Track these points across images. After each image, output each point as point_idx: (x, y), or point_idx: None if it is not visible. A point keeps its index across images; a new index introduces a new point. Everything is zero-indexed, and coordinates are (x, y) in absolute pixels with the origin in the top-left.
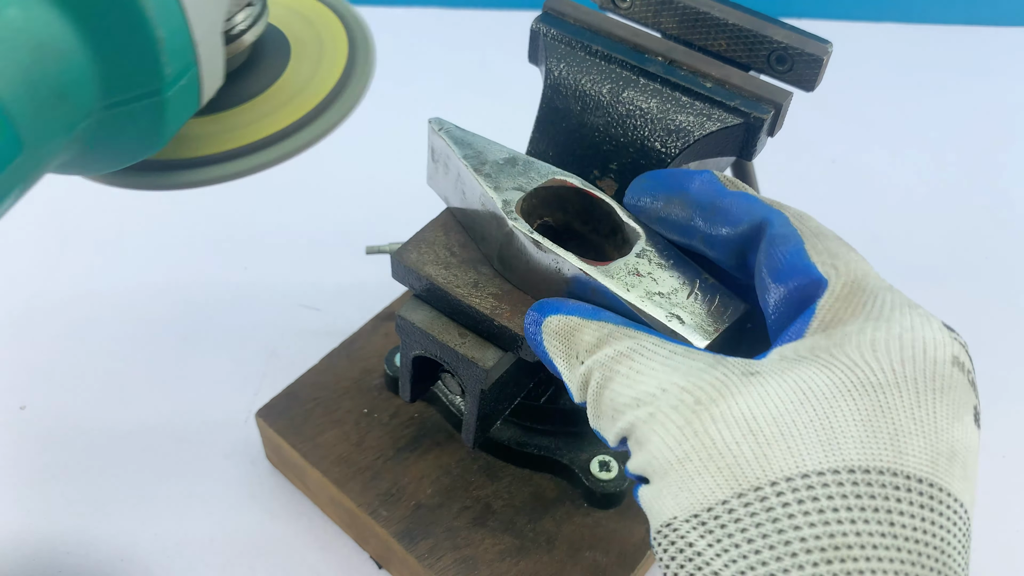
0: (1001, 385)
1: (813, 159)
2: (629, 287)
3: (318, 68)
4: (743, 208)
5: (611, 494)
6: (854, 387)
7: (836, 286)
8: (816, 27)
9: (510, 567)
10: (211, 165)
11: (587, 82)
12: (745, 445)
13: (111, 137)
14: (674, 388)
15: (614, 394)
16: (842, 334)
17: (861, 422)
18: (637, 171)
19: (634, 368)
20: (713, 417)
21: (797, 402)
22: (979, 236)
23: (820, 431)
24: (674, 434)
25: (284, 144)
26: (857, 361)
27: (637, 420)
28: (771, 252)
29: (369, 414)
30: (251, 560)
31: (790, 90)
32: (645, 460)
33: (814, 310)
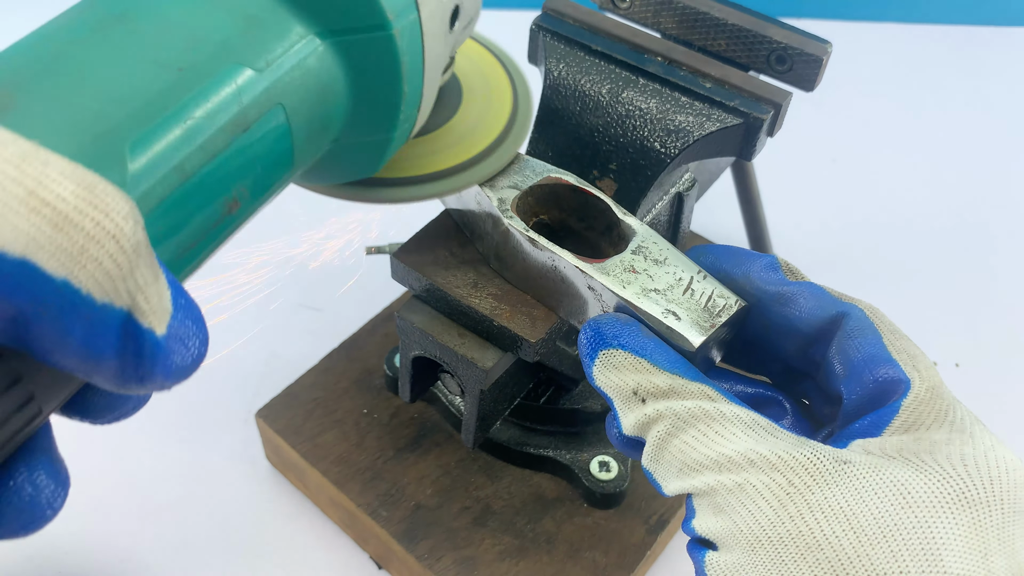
0: (1000, 385)
1: (813, 159)
2: (625, 284)
3: (488, 111)
4: (814, 301)
5: (611, 494)
6: (952, 499)
7: (920, 389)
8: (816, 27)
9: (510, 567)
10: (396, 187)
11: (587, 82)
12: (847, 540)
13: (337, 162)
14: (761, 460)
15: (688, 448)
16: (930, 441)
17: (959, 536)
18: (637, 171)
19: (713, 429)
20: (810, 505)
21: (897, 504)
22: (979, 236)
23: (922, 539)
24: (768, 514)
25: (458, 177)
26: (951, 473)
27: (719, 485)
28: (852, 344)
29: (369, 414)
30: (251, 560)
31: (790, 90)
32: (726, 528)
33: (898, 409)
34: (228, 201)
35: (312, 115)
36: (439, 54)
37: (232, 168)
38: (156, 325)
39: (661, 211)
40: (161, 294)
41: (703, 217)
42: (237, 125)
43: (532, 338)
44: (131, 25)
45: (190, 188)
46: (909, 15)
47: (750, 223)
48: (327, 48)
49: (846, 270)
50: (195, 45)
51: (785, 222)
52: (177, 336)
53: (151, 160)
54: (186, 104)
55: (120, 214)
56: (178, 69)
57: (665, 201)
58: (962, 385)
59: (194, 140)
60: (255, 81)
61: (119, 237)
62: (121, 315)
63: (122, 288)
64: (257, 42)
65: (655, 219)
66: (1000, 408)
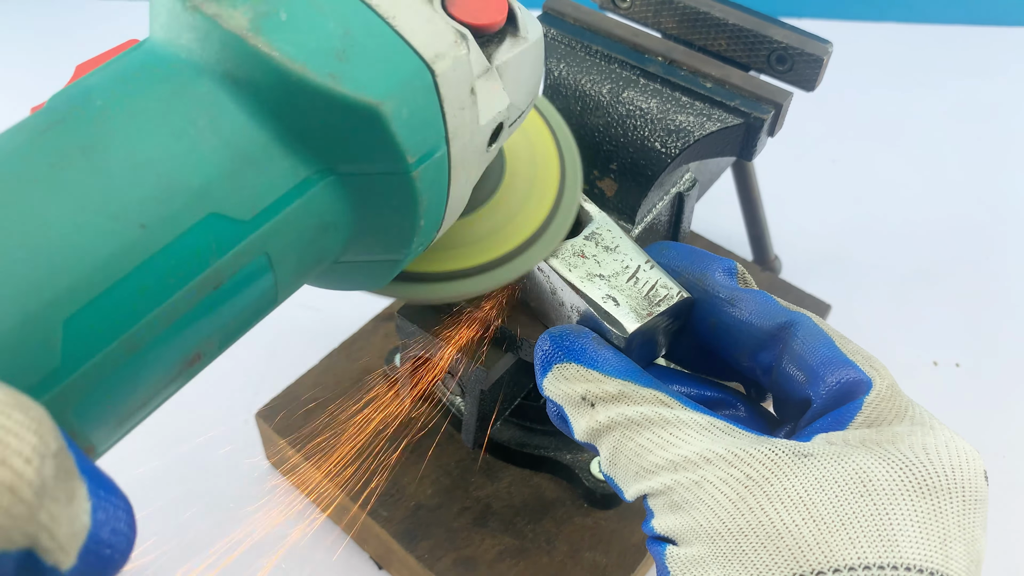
0: (1001, 384)
1: (813, 159)
2: (571, 267)
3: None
4: (763, 306)
5: (611, 494)
6: (913, 486)
7: (881, 387)
8: (816, 27)
9: (510, 567)
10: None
11: (587, 82)
12: (806, 528)
13: (339, 276)
14: (718, 459)
15: (642, 450)
16: (892, 432)
17: (917, 523)
18: (637, 171)
19: (668, 431)
20: (768, 495)
21: (856, 491)
22: (979, 236)
23: (880, 525)
24: (726, 506)
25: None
26: (912, 460)
27: (676, 484)
28: (808, 348)
29: None
30: (251, 560)
31: (790, 90)
32: (684, 525)
33: (861, 405)
34: (187, 358)
35: (303, 257)
36: (469, 178)
37: (196, 330)
38: (62, 560)
39: (662, 211)
40: (73, 518)
41: (703, 217)
42: (207, 284)
43: (532, 338)
44: (95, 162)
45: (141, 360)
46: (909, 15)
47: (750, 223)
48: (329, 185)
49: (846, 270)
50: (167, 194)
51: (785, 222)
52: (91, 557)
53: (91, 338)
54: (143, 268)
55: (22, 457)
56: (140, 225)
57: (666, 201)
58: (962, 385)
59: (149, 310)
60: (236, 233)
61: (17, 487)
62: (18, 556)
63: (17, 535)
64: (243, 185)
65: (655, 219)
66: (1000, 408)
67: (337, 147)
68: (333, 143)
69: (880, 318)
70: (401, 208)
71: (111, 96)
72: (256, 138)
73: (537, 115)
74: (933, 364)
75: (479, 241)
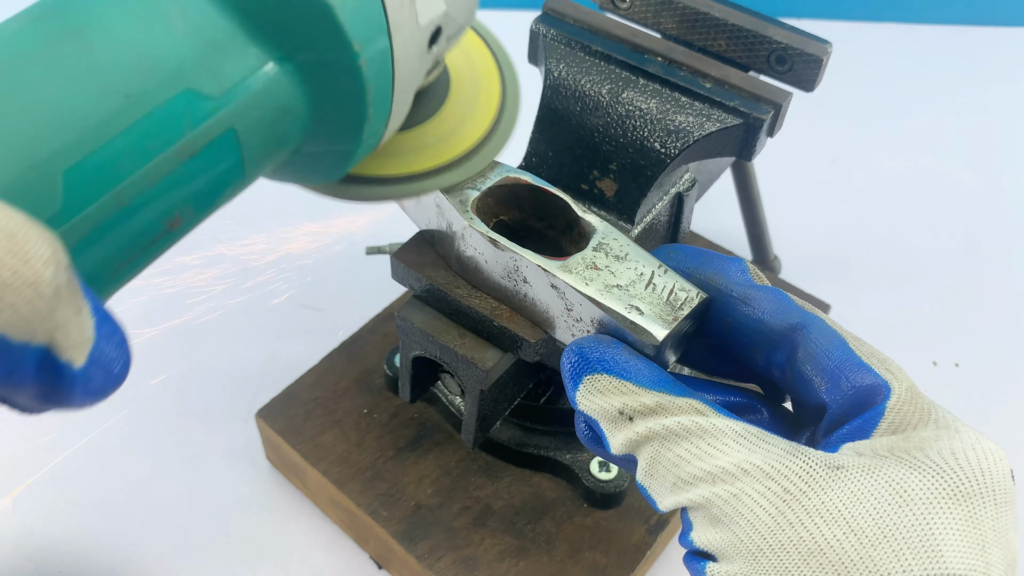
0: (1001, 384)
1: (813, 159)
2: (588, 281)
3: (474, 108)
4: (776, 304)
5: (611, 494)
6: (947, 494)
7: (900, 391)
8: (816, 27)
9: (510, 567)
10: (371, 186)
11: (587, 82)
12: (848, 544)
13: (297, 169)
14: (755, 470)
15: (680, 462)
16: (919, 438)
17: (957, 531)
18: (637, 171)
19: (705, 441)
20: (808, 510)
21: (893, 503)
22: (979, 236)
23: (921, 536)
24: (767, 522)
25: (434, 179)
26: (943, 468)
27: (715, 497)
28: (822, 351)
29: (369, 414)
30: (251, 560)
31: (790, 90)
32: (726, 540)
33: (883, 411)
34: (169, 220)
35: (266, 136)
36: (412, 74)
37: (175, 192)
38: (75, 358)
39: (661, 211)
40: (82, 327)
41: (703, 217)
42: (183, 152)
43: (532, 338)
44: (84, 43)
45: (128, 213)
46: (909, 15)
47: (750, 223)
48: (287, 72)
49: (846, 270)
50: (147, 70)
51: (785, 222)
52: (97, 363)
53: (87, 189)
54: (129, 131)
55: (40, 260)
56: (125, 95)
57: (665, 201)
58: (962, 385)
59: (134, 169)
60: (206, 108)
61: (37, 284)
62: (39, 351)
63: (39, 329)
64: (212, 67)
65: (655, 219)
66: (1000, 408)
67: (292, 36)
68: (289, 32)
69: (880, 318)
70: (350, 95)
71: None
72: (223, 26)
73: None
74: (933, 364)
75: (428, 147)
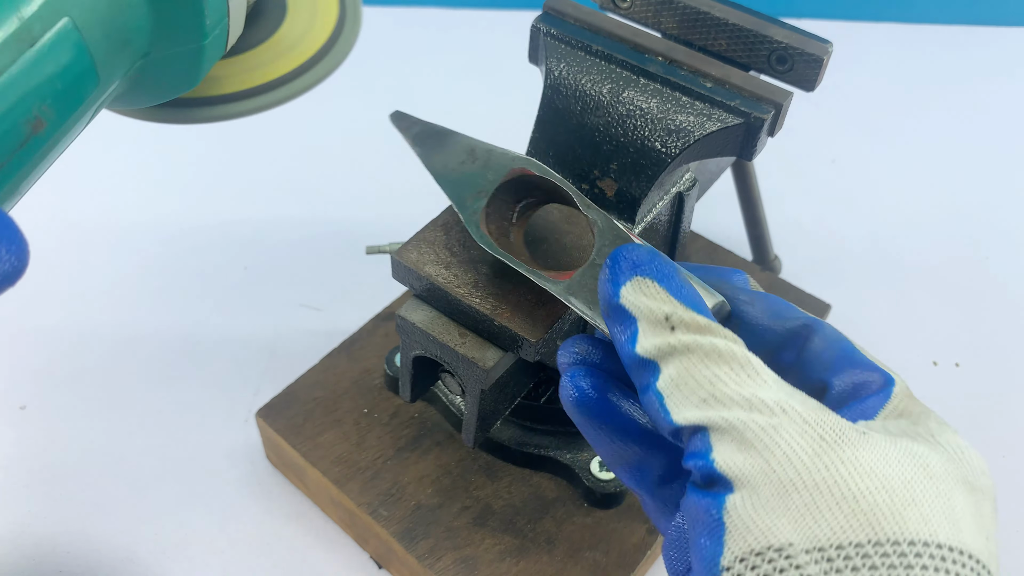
0: (1001, 384)
1: (813, 159)
2: (591, 304)
3: (312, 23)
4: (783, 309)
5: (611, 494)
6: (960, 480)
7: (902, 385)
8: (816, 27)
9: (510, 567)
10: (226, 103)
11: (587, 82)
12: (880, 498)
13: (154, 78)
14: (794, 412)
15: (717, 380)
16: (927, 427)
17: (971, 515)
18: (638, 171)
19: (746, 372)
20: (843, 459)
21: (919, 473)
22: (979, 235)
23: (946, 509)
24: (804, 459)
25: (284, 88)
26: (955, 455)
27: (752, 422)
28: (828, 347)
29: (369, 414)
30: (251, 560)
31: (790, 90)
32: (756, 466)
33: (889, 395)
34: (30, 121)
35: (108, 26)
36: None
37: (25, 86)
38: None
39: (662, 211)
40: None
41: (703, 217)
42: (22, 40)
43: (533, 338)
44: None
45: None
46: (909, 15)
47: (750, 223)
48: None
49: (846, 270)
50: None
51: (785, 222)
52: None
53: None
54: None
55: None
56: None
57: (666, 201)
58: (962, 385)
59: None
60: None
61: None
62: None
63: None
64: None
65: (656, 219)
66: (1000, 408)
67: None
68: None
69: (880, 318)
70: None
71: None
72: None
73: None
74: (933, 364)
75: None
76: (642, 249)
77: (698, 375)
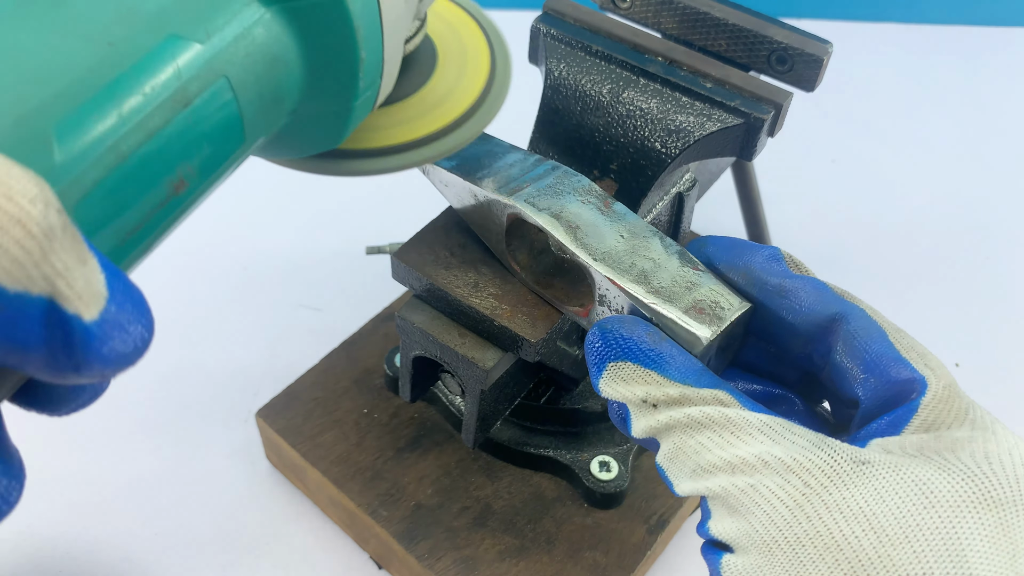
0: (1001, 384)
1: (813, 159)
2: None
3: (462, 77)
4: (814, 296)
5: (611, 494)
6: (977, 498)
7: (937, 388)
8: (816, 27)
9: (510, 567)
10: (368, 159)
11: (587, 82)
12: (867, 541)
13: (297, 135)
14: (776, 463)
15: (701, 450)
16: (952, 439)
17: (985, 537)
18: (638, 171)
19: (727, 431)
20: (828, 505)
21: (918, 504)
22: (979, 235)
23: (946, 539)
24: (784, 515)
25: (430, 147)
26: (975, 471)
27: (733, 487)
28: (860, 344)
29: (369, 414)
30: (251, 560)
31: (790, 90)
32: (741, 530)
33: (917, 407)
34: (173, 181)
35: (262, 86)
36: (399, 16)
37: (175, 147)
38: (84, 311)
39: (662, 211)
40: (90, 278)
41: (703, 217)
42: (177, 101)
43: (533, 338)
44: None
45: (128, 170)
46: (909, 15)
47: (750, 223)
48: (274, 15)
49: (846, 270)
50: (127, 17)
51: (785, 222)
52: (113, 321)
53: (81, 142)
54: (118, 80)
55: (26, 197)
56: (108, 43)
57: (666, 201)
58: (962, 385)
59: (129, 119)
60: (195, 53)
61: (25, 221)
62: (41, 303)
63: (36, 275)
64: (196, 12)
65: (656, 219)
66: (1000, 408)
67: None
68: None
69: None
70: (340, 36)
71: None
72: None
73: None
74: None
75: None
76: (605, 330)
77: (686, 447)
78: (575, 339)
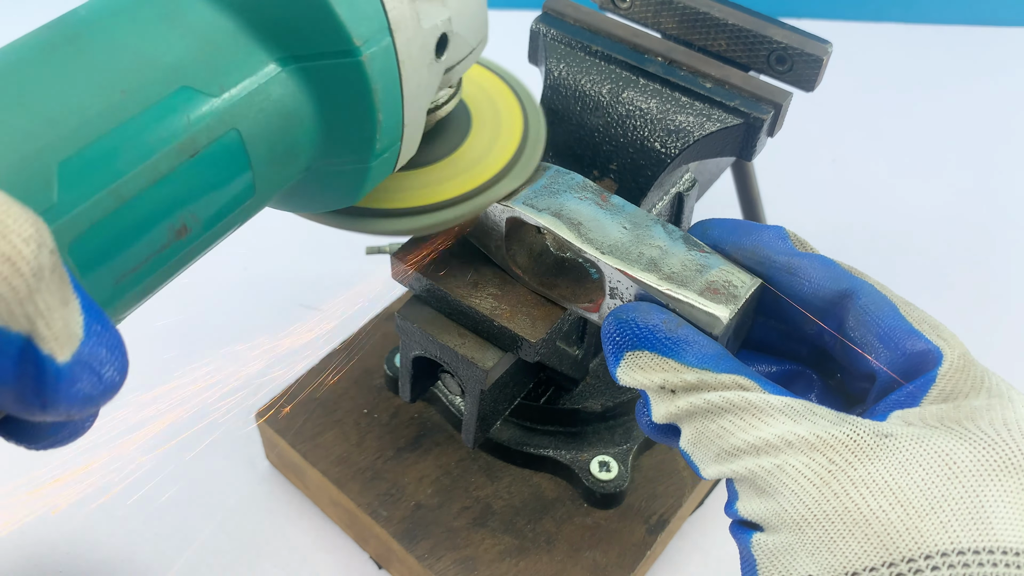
0: None
1: (813, 159)
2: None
3: (496, 142)
4: (823, 272)
5: (611, 494)
6: (999, 465)
7: (952, 357)
8: (816, 27)
9: (510, 567)
10: (391, 218)
11: (587, 82)
12: (894, 514)
13: (312, 191)
14: (800, 442)
15: (724, 434)
16: (971, 408)
17: (1009, 503)
18: (637, 171)
19: (749, 414)
20: (854, 481)
21: (942, 474)
22: (979, 235)
23: (971, 508)
24: (811, 493)
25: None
26: (995, 439)
27: (759, 468)
28: (872, 318)
29: (369, 414)
30: (251, 560)
31: (790, 90)
32: (770, 510)
33: (935, 378)
34: (175, 227)
35: (275, 141)
36: (423, 82)
37: (179, 193)
38: (58, 352)
39: (661, 211)
40: (68, 320)
41: (703, 217)
42: (184, 150)
43: (532, 338)
44: (80, 46)
45: (128, 212)
46: (909, 15)
47: None
48: (291, 74)
49: None
50: (142, 67)
51: (785, 222)
52: (84, 364)
53: (82, 182)
54: (125, 126)
55: (20, 236)
56: (120, 91)
57: (665, 201)
58: None
59: (132, 164)
60: (206, 105)
61: (16, 260)
62: (19, 340)
63: (19, 313)
64: (212, 66)
65: None
66: None
67: (293, 35)
68: (290, 31)
69: None
70: (358, 97)
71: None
72: (222, 27)
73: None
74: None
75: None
76: (620, 319)
77: (708, 432)
78: (575, 339)
